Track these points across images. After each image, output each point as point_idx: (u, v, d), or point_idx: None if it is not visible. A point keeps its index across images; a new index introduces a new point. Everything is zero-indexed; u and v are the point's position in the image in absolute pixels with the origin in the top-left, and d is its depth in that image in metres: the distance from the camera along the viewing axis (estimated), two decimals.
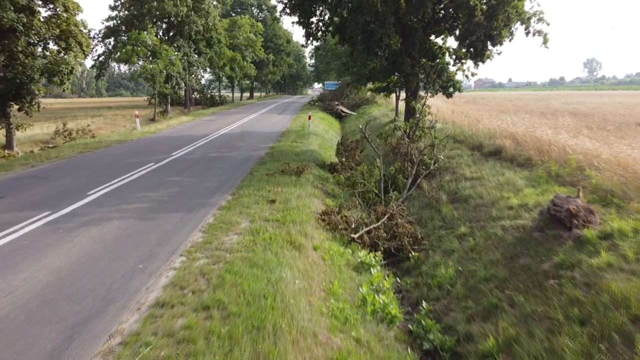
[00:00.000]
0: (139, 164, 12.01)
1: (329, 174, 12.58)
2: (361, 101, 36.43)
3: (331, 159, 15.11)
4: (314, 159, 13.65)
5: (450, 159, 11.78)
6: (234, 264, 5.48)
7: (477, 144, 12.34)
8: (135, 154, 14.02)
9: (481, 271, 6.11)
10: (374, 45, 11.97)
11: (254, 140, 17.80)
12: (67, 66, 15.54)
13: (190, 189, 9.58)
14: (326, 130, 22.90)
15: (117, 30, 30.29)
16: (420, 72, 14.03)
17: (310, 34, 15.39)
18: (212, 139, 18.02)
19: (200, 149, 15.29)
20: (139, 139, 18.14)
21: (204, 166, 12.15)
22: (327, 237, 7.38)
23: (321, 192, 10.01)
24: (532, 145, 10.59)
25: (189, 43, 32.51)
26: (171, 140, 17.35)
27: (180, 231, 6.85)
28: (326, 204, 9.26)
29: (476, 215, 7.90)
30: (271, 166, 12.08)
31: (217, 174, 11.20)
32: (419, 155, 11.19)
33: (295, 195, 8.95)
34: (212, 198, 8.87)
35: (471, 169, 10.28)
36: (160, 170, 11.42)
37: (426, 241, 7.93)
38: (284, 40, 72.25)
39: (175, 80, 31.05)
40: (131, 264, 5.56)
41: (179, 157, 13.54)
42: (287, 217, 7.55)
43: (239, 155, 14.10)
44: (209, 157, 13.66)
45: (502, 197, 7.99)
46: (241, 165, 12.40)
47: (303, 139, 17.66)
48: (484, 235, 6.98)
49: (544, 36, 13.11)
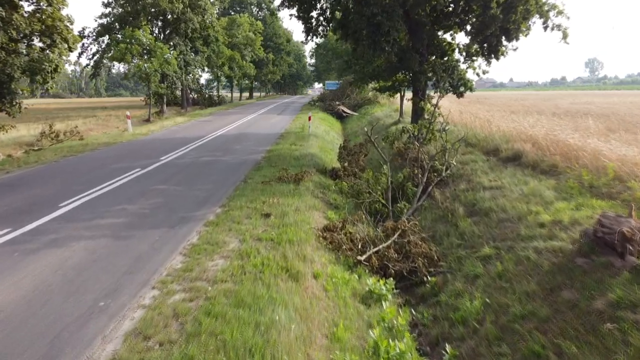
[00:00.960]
0: (124, 170, 11.00)
1: (331, 180, 11.56)
2: (363, 101, 35.40)
3: (333, 163, 14.09)
4: (314, 164, 12.64)
5: (463, 164, 10.76)
6: (215, 302, 4.46)
7: (492, 148, 11.32)
8: (121, 158, 13.00)
9: (515, 306, 5.08)
10: (380, 39, 10.96)
11: (251, 143, 16.78)
12: (51, 64, 14.51)
13: (176, 199, 8.56)
14: (327, 132, 21.88)
15: (111, 28, 29.28)
16: (428, 70, 13.01)
17: (310, 30, 14.38)
18: (206, 141, 17.00)
19: (193, 152, 14.27)
20: (129, 141, 17.13)
21: (195, 172, 11.13)
22: (329, 259, 6.35)
23: (322, 203, 8.98)
24: (555, 150, 9.58)
25: (185, 41, 31.48)
26: (163, 143, 16.34)
27: (158, 254, 5.83)
28: (328, 217, 8.24)
29: (501, 232, 6.88)
30: (267, 172, 11.07)
31: (208, 181, 10.18)
32: (429, 161, 10.16)
33: (293, 208, 7.93)
34: (199, 210, 7.85)
35: (489, 177, 9.26)
36: (145, 177, 10.40)
37: (443, 262, 6.91)
38: (284, 40, 71.24)
39: (171, 79, 30.05)
40: (91, 301, 4.54)
41: (168, 161, 12.52)
42: (283, 235, 6.53)
43: (234, 160, 13.08)
44: (200, 161, 12.64)
45: (530, 212, 6.96)
46: (235, 171, 11.38)
47: (302, 142, 16.65)
48: (514, 258, 5.95)
49: (563, 31, 12.09)
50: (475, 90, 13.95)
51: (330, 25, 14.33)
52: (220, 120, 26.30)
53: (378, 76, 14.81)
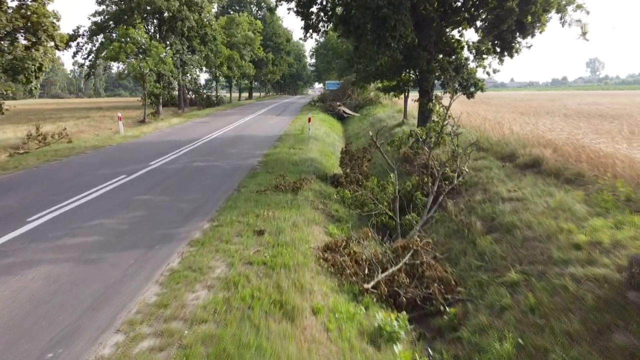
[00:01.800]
0: (107, 177, 10.13)
1: (332, 187, 10.70)
2: (364, 101, 34.54)
3: (334, 168, 13.23)
4: (314, 170, 11.77)
5: (476, 171, 9.89)
6: (191, 354, 3.59)
7: (507, 153, 10.46)
8: (107, 163, 12.14)
9: (556, 351, 4.20)
10: (385, 35, 10.09)
11: (248, 146, 15.91)
12: (34, 62, 13.65)
13: (160, 212, 7.69)
14: (327, 134, 21.01)
15: (105, 27, 28.40)
16: (437, 69, 12.13)
17: (309, 26, 13.52)
18: (200, 144, 16.14)
19: (185, 156, 13.40)
20: (119, 144, 16.26)
21: (184, 180, 10.26)
22: (331, 286, 5.48)
23: (323, 216, 8.11)
24: (577, 156, 8.72)
25: (182, 40, 30.60)
26: (154, 146, 15.48)
27: (130, 283, 4.96)
28: (329, 232, 7.38)
29: (528, 254, 6.00)
30: (263, 180, 10.20)
31: (198, 190, 9.31)
32: (440, 167, 9.29)
33: (290, 223, 7.06)
34: (184, 226, 6.98)
35: (507, 186, 8.38)
36: (130, 185, 9.54)
37: (462, 288, 6.04)
38: (284, 39, 70.37)
39: (167, 79, 29.21)
40: (37, 351, 3.68)
41: (157, 167, 11.65)
42: (277, 257, 5.67)
43: (228, 165, 12.21)
44: (192, 167, 11.77)
45: (560, 229, 6.09)
46: (228, 179, 10.52)
47: (302, 145, 15.78)
48: (548, 288, 5.07)
49: (582, 26, 11.21)
50: (486, 90, 13.08)
51: (330, 21, 13.46)
52: (217, 121, 25.44)
53: (382, 75, 13.93)
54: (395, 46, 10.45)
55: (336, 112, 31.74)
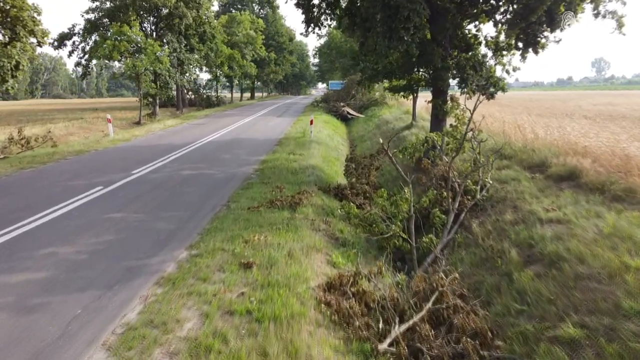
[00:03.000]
0: (81, 189, 8.94)
1: (336, 200, 9.46)
2: (369, 102, 33.24)
3: (338, 176, 11.99)
4: (315, 179, 10.52)
5: (502, 183, 8.61)
6: None
7: (536, 162, 9.17)
8: (86, 171, 10.95)
9: None
10: (398, 27, 8.83)
11: (244, 151, 14.69)
12: (10, 60, 12.50)
13: (131, 235, 6.47)
14: (331, 137, 19.76)
15: (99, 25, 27.27)
16: (453, 67, 10.85)
17: (311, 20, 12.28)
18: (193, 148, 14.93)
19: (174, 163, 12.19)
20: (105, 148, 15.08)
21: (168, 192, 9.04)
22: (334, 345, 4.23)
23: (325, 239, 6.86)
24: (624, 168, 7.44)
25: (179, 38, 29.43)
26: (143, 151, 14.29)
27: (66, 348, 3.73)
28: (333, 261, 6.13)
29: (585, 298, 4.72)
30: (257, 192, 8.97)
31: (181, 206, 8.09)
32: (461, 179, 8.01)
33: (286, 251, 5.81)
34: (157, 255, 5.76)
35: (543, 204, 7.09)
36: (104, 200, 8.33)
37: (501, 342, 4.76)
38: (286, 38, 69.16)
39: (164, 79, 28.05)
40: None
41: (141, 176, 10.45)
42: (267, 304, 4.44)
43: (220, 174, 10.99)
44: (179, 176, 10.55)
45: (626, 267, 4.81)
46: (218, 191, 9.29)
47: (303, 149, 14.54)
48: (625, 353, 3.81)
49: (618, 19, 9.89)
50: (507, 90, 11.79)
51: (334, 13, 12.22)
52: (214, 123, 24.25)
53: (391, 74, 12.65)
54: (410, 40, 9.18)
55: (340, 113, 30.48)
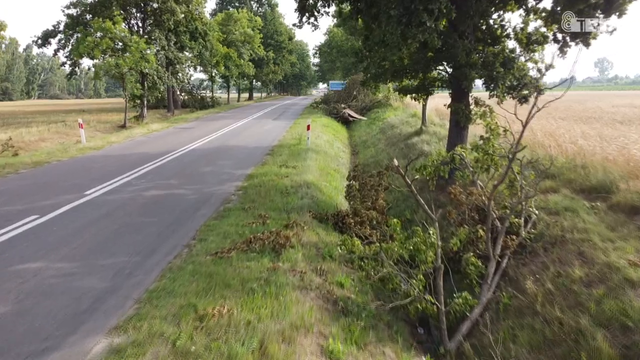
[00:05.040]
0: (6, 221, 6.93)
1: (335, 232, 7.46)
2: (372, 103, 31.18)
3: (338, 195, 9.98)
4: (309, 203, 8.49)
5: (552, 215, 6.57)
6: None
7: (591, 185, 7.14)
8: (29, 192, 8.93)
9: None
10: (419, 9, 6.78)
11: (229, 162, 12.67)
12: None
13: (35, 305, 4.45)
14: (330, 143, 17.72)
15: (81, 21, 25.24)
16: (479, 63, 8.82)
17: (305, 8, 10.27)
18: (170, 159, 12.91)
19: (141, 179, 10.18)
20: (71, 158, 13.07)
21: (117, 225, 7.01)
22: None
23: (319, 304, 4.82)
24: None
25: (168, 35, 27.40)
26: (111, 162, 12.28)
27: None
28: (330, 349, 4.09)
29: None
30: (234, 225, 6.93)
31: (128, 248, 6.05)
32: (505, 216, 5.97)
33: (256, 342, 3.77)
34: (59, 348, 3.74)
35: (625, 253, 5.04)
36: (25, 239, 6.30)
37: None
38: (286, 37, 67.18)
39: (152, 79, 26.06)
40: None
41: (93, 199, 8.44)
42: None
43: (193, 195, 8.96)
44: (142, 199, 8.53)
45: None
46: (184, 222, 7.26)
47: (297, 160, 12.51)
48: None
49: None
50: (544, 93, 9.75)
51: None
52: (203, 127, 22.24)
53: (401, 73, 10.56)
54: (433, 26, 7.12)
55: (340, 115, 28.44)
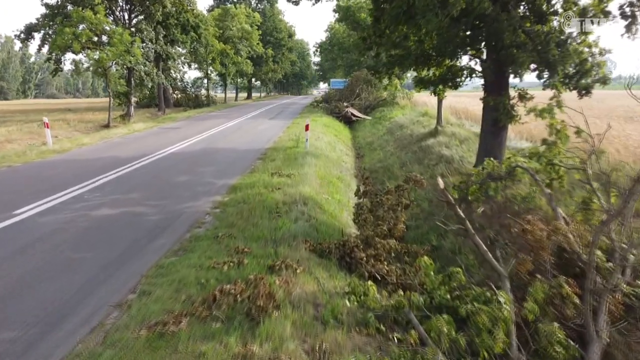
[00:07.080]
0: None
1: (340, 271, 5.38)
2: (376, 102, 29.12)
3: (342, 212, 7.92)
4: (306, 228, 6.41)
5: None
6: None
7: None
8: None
9: None
10: None
11: (211, 169, 10.61)
12: None
13: None
14: (332, 145, 15.65)
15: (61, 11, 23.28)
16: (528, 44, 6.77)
17: None
18: (141, 165, 10.84)
19: (96, 192, 8.12)
20: (24, 164, 11.00)
21: (34, 265, 4.95)
22: None
23: None
24: None
25: (157, 27, 25.38)
26: (70, 169, 10.24)
27: None
28: None
29: None
30: (196, 267, 4.84)
31: (27, 313, 3.99)
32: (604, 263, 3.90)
33: None
34: None
35: None
36: None
37: None
38: (285, 35, 65.12)
39: (138, 75, 24.06)
40: None
41: (21, 220, 6.38)
42: None
43: (155, 216, 6.89)
44: (86, 221, 6.46)
45: None
46: (130, 258, 5.18)
47: (293, 167, 10.45)
48: None
49: None
50: (610, 82, 7.70)
51: None
52: (191, 127, 20.17)
53: (423, 60, 8.37)
54: None
55: (343, 114, 26.37)
